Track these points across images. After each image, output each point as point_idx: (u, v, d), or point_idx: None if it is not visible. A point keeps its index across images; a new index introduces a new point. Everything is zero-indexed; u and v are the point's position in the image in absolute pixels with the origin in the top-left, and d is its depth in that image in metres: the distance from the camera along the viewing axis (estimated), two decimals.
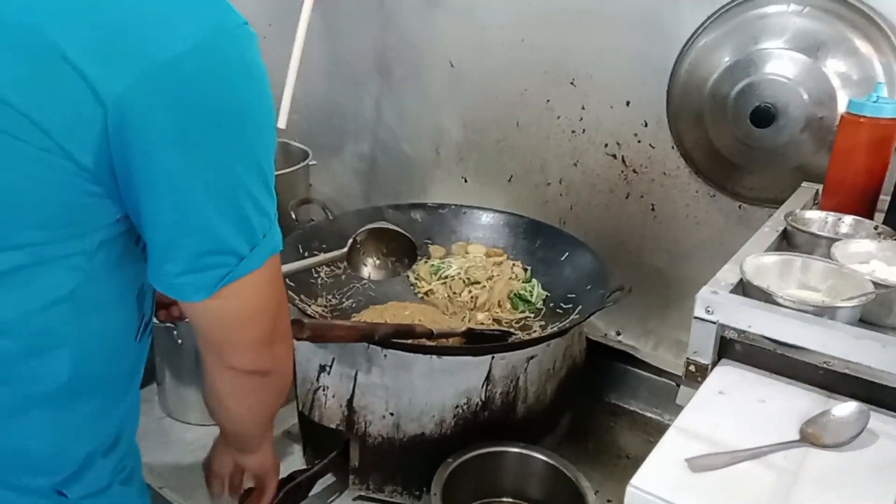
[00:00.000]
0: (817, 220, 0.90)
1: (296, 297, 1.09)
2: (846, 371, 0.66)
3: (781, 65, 1.06)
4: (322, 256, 1.13)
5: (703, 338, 0.71)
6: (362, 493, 1.05)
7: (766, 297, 0.69)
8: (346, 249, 1.11)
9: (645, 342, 1.40)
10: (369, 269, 1.16)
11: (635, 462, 1.16)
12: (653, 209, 1.32)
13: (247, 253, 0.60)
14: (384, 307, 1.17)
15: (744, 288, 0.72)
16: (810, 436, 0.60)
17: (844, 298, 0.69)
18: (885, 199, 0.94)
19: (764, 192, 1.17)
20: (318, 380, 1.04)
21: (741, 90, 1.10)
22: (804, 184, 1.06)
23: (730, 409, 0.65)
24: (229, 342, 0.66)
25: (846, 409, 0.62)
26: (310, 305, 1.12)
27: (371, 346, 0.96)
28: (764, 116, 1.07)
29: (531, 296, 1.22)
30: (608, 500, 1.08)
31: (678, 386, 0.75)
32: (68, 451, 0.65)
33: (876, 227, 0.87)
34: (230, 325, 0.64)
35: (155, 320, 0.79)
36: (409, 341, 0.99)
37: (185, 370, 1.19)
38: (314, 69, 1.68)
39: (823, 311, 0.66)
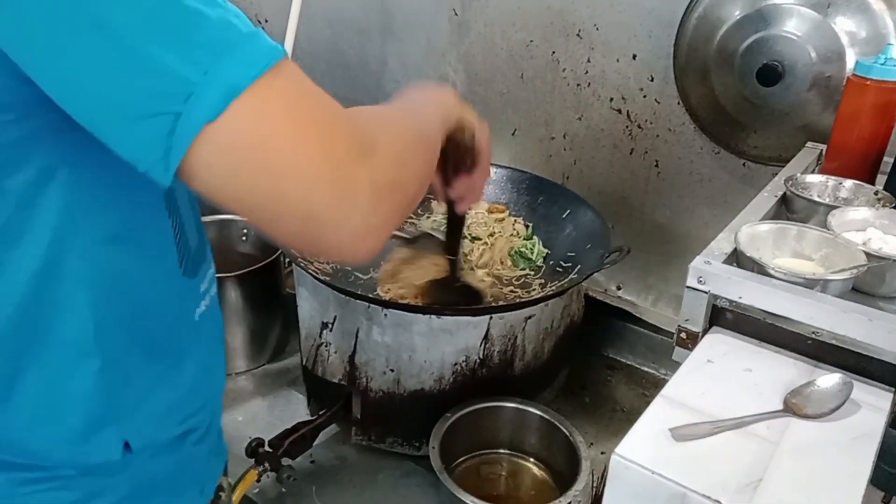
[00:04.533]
0: (817, 184, 0.90)
1: (297, 255, 1.11)
2: (834, 342, 0.67)
3: (791, 21, 1.04)
4: None
5: (694, 306, 0.72)
6: (364, 444, 1.09)
7: (758, 267, 0.69)
8: None
9: (645, 297, 1.41)
10: None
11: (630, 415, 1.20)
12: (656, 165, 1.32)
13: (195, 86, 0.40)
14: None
15: (737, 258, 0.73)
16: (793, 406, 0.62)
17: (836, 270, 0.70)
18: (888, 161, 0.93)
19: (768, 150, 1.16)
20: (321, 336, 1.06)
21: (749, 46, 1.08)
22: (808, 144, 1.05)
23: (717, 377, 0.66)
24: (271, 219, 0.45)
25: (830, 380, 0.63)
26: (312, 263, 1.13)
27: (371, 305, 0.98)
28: (771, 74, 1.06)
29: (532, 253, 1.23)
30: (602, 452, 1.11)
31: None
32: (126, 400, 0.57)
33: (876, 193, 0.87)
34: (253, 199, 0.44)
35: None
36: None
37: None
38: (317, 16, 1.65)
39: (814, 283, 0.67)
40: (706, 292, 0.70)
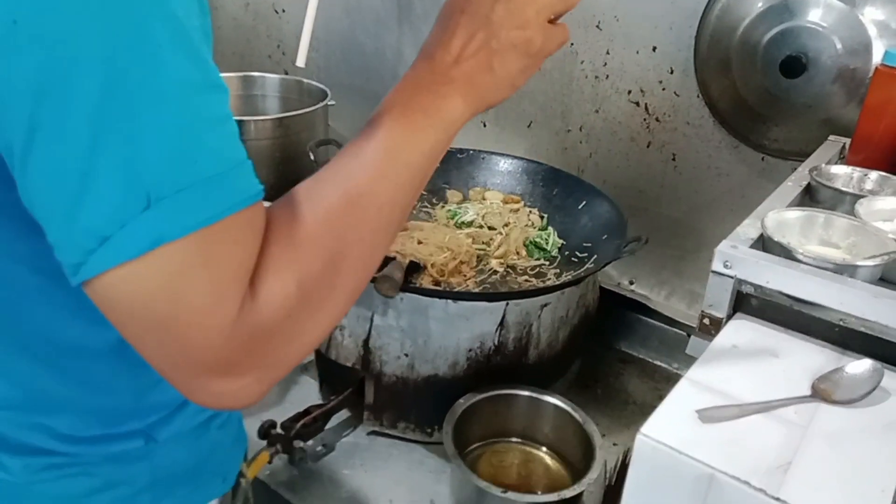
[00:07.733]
0: (842, 175, 0.89)
1: None
2: (862, 329, 0.66)
3: (817, 11, 1.03)
4: None
5: (719, 292, 0.71)
6: (376, 429, 1.08)
7: (785, 252, 0.68)
8: None
9: (658, 292, 1.40)
10: None
11: (642, 408, 1.19)
12: (674, 159, 1.31)
13: (112, 231, 0.37)
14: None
15: (764, 243, 0.72)
16: (822, 391, 0.61)
17: (866, 257, 0.69)
18: None
19: (789, 144, 1.15)
20: None
21: (773, 38, 1.07)
22: (831, 137, 1.04)
23: (742, 362, 0.65)
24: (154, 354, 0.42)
25: (860, 366, 0.62)
26: None
27: None
28: (794, 66, 1.05)
29: (547, 243, 1.22)
30: (614, 444, 1.10)
31: (688, 336, 0.76)
32: (155, 399, 0.58)
33: None
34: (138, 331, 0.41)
35: None
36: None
37: None
38: (334, 6, 1.65)
39: (843, 269, 0.66)
40: (732, 277, 0.69)
